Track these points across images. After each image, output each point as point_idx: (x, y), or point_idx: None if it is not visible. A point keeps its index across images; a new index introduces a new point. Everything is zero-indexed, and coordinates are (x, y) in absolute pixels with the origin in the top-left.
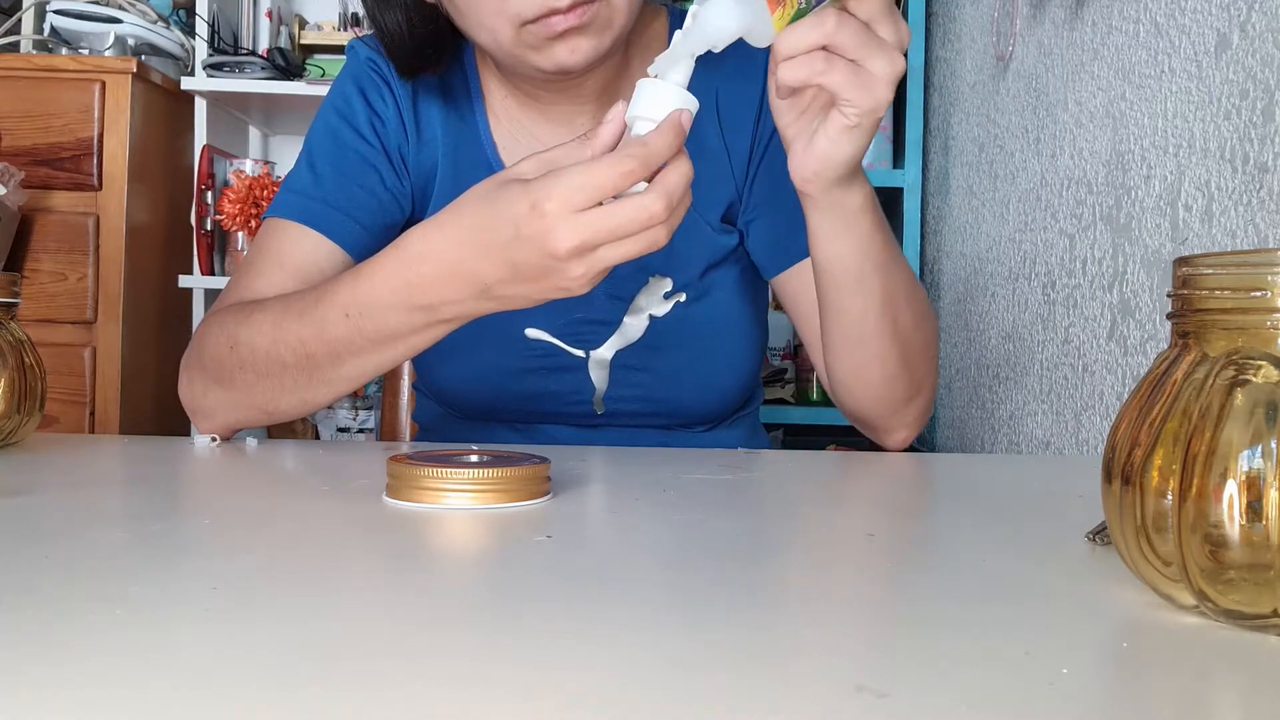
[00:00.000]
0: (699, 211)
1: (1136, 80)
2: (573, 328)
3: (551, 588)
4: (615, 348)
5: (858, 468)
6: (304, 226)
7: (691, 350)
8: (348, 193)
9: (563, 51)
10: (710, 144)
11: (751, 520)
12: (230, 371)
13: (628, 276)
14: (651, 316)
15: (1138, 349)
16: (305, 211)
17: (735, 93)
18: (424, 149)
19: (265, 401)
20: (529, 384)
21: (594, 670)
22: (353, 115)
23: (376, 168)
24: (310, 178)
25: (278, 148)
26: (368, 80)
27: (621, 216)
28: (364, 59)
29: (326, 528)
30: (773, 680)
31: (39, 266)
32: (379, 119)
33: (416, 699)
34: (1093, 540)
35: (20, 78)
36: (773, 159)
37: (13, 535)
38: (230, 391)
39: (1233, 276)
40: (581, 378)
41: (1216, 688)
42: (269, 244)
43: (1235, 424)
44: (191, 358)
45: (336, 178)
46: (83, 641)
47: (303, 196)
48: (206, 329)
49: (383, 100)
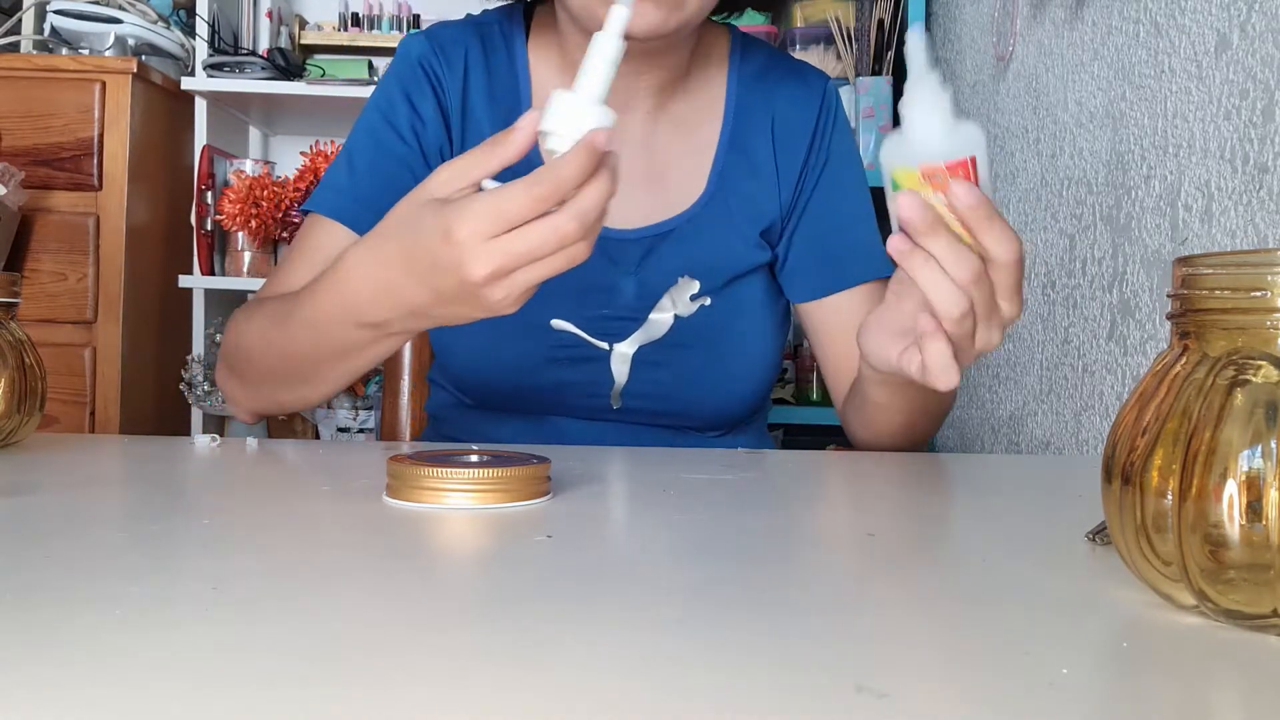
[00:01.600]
0: (739, 223)
1: (1136, 80)
2: (599, 321)
3: (551, 588)
4: (639, 343)
5: (858, 468)
6: (335, 222)
7: (712, 353)
8: (380, 190)
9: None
10: (761, 161)
11: (751, 520)
12: (239, 364)
13: (658, 275)
14: (677, 316)
15: (1138, 349)
16: (340, 209)
17: (792, 116)
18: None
19: (270, 395)
20: (550, 374)
21: (594, 670)
22: (394, 115)
23: (412, 168)
24: (348, 175)
25: (278, 148)
26: (412, 79)
27: (534, 239)
28: (415, 57)
29: (326, 528)
30: (773, 680)
31: (39, 266)
32: (419, 118)
33: (416, 699)
34: (1093, 540)
35: (20, 78)
36: (822, 190)
37: (13, 535)
38: (243, 383)
39: (1232, 276)
40: (602, 369)
41: (1216, 688)
42: (306, 238)
43: (1235, 424)
44: (222, 344)
45: (373, 177)
46: (83, 641)
47: (339, 194)
48: (234, 318)
49: (425, 99)
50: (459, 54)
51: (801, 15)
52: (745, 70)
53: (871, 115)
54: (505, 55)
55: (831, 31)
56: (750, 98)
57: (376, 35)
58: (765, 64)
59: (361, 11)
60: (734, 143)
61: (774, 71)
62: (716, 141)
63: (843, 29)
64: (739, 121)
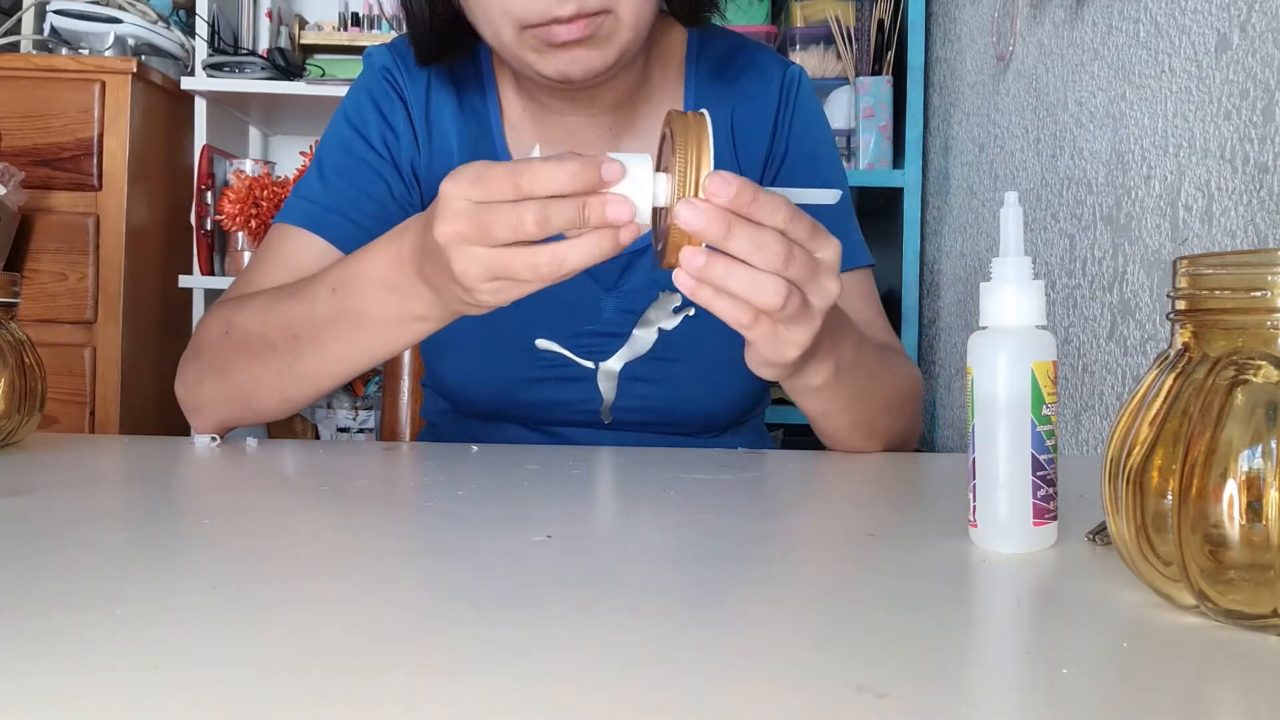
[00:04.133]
0: None
1: (1136, 80)
2: (583, 339)
3: (551, 588)
4: (624, 359)
5: (858, 468)
6: (310, 233)
7: (699, 363)
8: (356, 202)
9: (564, 61)
10: (722, 159)
11: (751, 520)
12: (223, 356)
13: (639, 291)
14: (660, 330)
15: (1138, 349)
16: (313, 218)
17: (749, 111)
18: (436, 159)
19: (249, 393)
20: (537, 392)
21: (594, 670)
22: (364, 125)
23: (385, 179)
24: (320, 185)
25: (278, 148)
26: (381, 91)
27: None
28: (379, 69)
29: (327, 528)
30: (773, 680)
31: (39, 266)
32: (390, 130)
33: (416, 698)
34: (1093, 540)
35: (20, 78)
36: (785, 180)
37: (13, 535)
38: (219, 381)
39: (1233, 276)
40: (590, 388)
41: (1216, 688)
42: (276, 247)
43: (1235, 424)
44: (189, 351)
45: (345, 186)
46: (83, 641)
47: (312, 203)
48: (204, 321)
49: (395, 111)
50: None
51: (801, 15)
52: (702, 69)
53: (871, 115)
54: (471, 71)
55: (831, 31)
56: (707, 94)
57: (376, 35)
58: (722, 59)
59: (361, 11)
60: None
61: (730, 67)
62: None
63: (843, 29)
64: None
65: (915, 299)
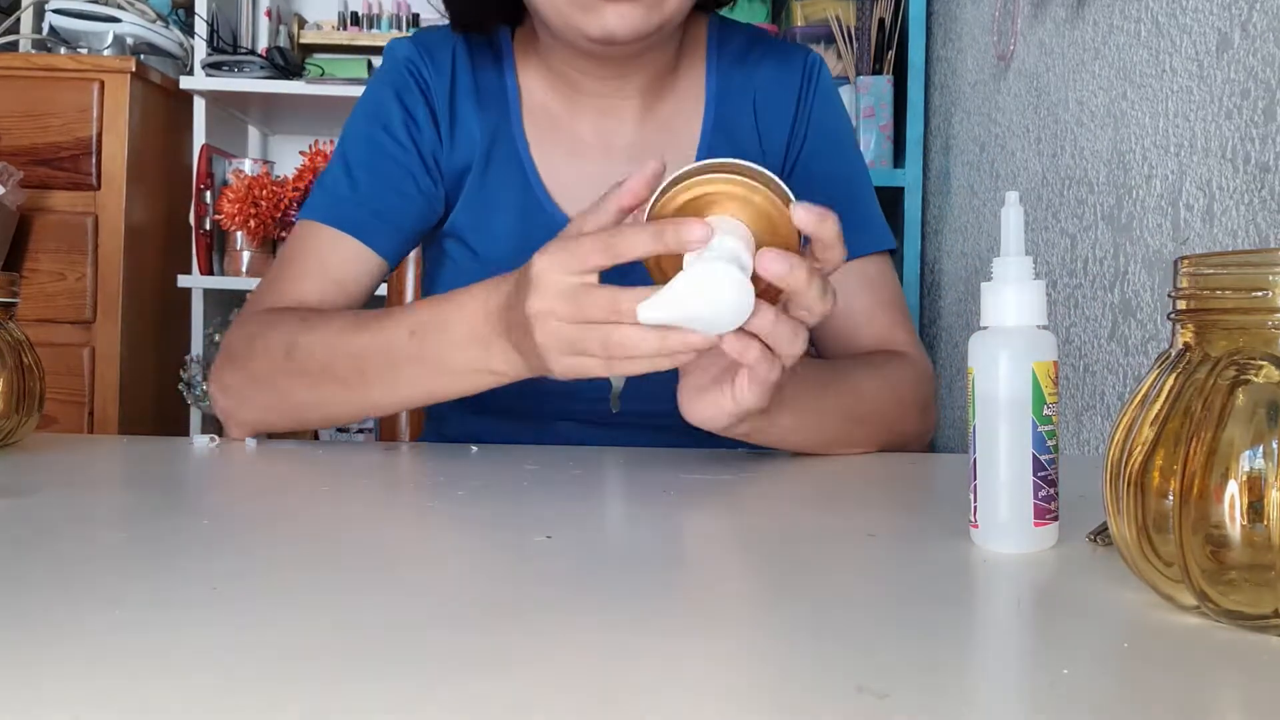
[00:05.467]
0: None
1: (1138, 80)
2: None
3: (551, 588)
4: None
5: (858, 468)
6: (343, 233)
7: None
8: (383, 198)
9: (612, 17)
10: (746, 141)
11: (751, 520)
12: (284, 378)
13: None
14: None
15: (1138, 349)
16: (342, 217)
17: (773, 93)
18: (457, 151)
19: (303, 415)
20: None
21: (594, 671)
22: (388, 119)
23: (411, 172)
24: (346, 182)
25: (277, 147)
26: (403, 83)
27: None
28: (402, 59)
29: (326, 528)
30: (773, 680)
31: (38, 266)
32: (413, 121)
33: (416, 698)
34: (1093, 540)
35: (19, 77)
36: (805, 163)
37: (13, 535)
38: (272, 396)
39: (1234, 276)
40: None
41: (1217, 688)
42: (308, 247)
43: (1236, 424)
44: (225, 356)
45: (372, 182)
46: (83, 641)
47: (339, 201)
48: (255, 329)
49: (417, 103)
50: (445, 58)
51: (802, 14)
52: (724, 56)
53: (871, 115)
54: (492, 59)
55: (832, 30)
56: (730, 82)
57: (376, 34)
58: (744, 46)
59: (361, 10)
60: (718, 127)
61: (753, 53)
62: (699, 133)
63: (843, 28)
64: (721, 107)
65: (916, 299)
